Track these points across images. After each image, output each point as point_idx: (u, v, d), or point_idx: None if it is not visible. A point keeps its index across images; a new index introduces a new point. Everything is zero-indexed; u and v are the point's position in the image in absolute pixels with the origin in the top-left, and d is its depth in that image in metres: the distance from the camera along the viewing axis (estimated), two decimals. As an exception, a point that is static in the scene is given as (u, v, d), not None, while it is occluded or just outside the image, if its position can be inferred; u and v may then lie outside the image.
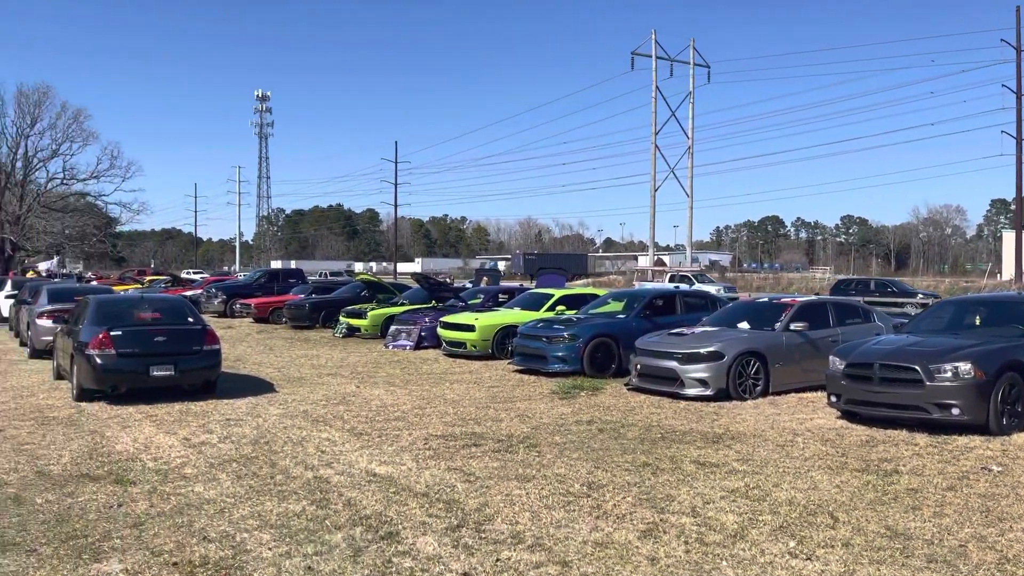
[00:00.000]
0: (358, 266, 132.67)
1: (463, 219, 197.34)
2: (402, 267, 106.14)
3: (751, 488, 6.95)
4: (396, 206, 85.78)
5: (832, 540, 5.58)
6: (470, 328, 17.16)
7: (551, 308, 17.78)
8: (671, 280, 39.57)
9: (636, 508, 6.31)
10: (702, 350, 11.88)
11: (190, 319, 12.46)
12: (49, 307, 16.89)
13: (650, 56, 59.66)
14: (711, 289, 35.02)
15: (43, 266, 52.71)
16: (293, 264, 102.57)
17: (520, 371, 15.16)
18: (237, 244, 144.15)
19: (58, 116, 61.55)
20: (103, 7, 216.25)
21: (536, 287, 22.80)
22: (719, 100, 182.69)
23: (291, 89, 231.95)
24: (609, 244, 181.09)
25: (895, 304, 24.74)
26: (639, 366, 12.64)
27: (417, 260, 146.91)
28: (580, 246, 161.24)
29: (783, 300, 13.67)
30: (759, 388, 11.96)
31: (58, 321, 15.16)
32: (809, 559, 5.22)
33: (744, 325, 12.90)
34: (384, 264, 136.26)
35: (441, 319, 18.41)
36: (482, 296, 21.51)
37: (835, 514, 6.16)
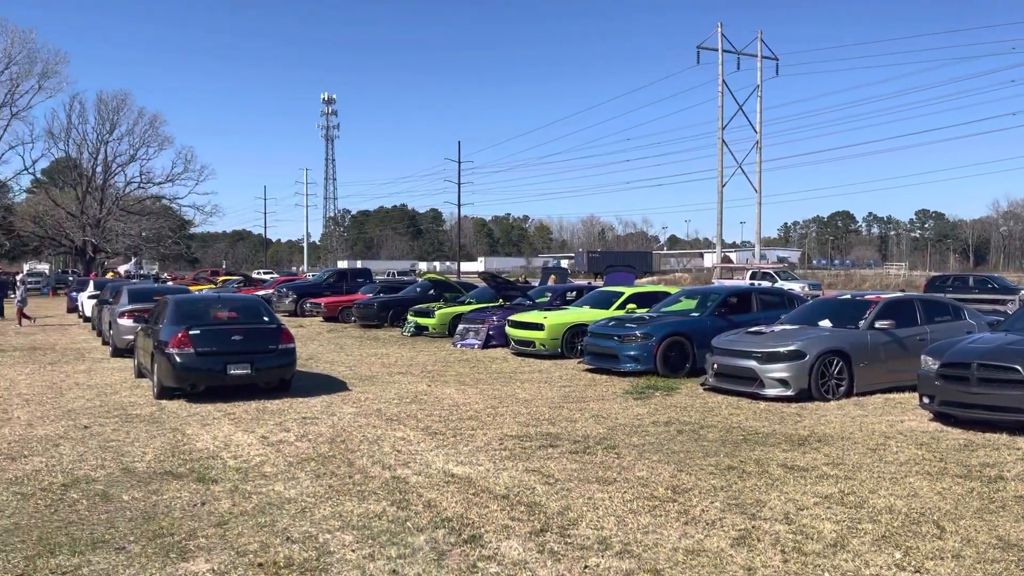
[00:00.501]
0: (422, 265, 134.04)
1: (525, 218, 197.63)
2: (465, 266, 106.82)
3: (846, 494, 6.61)
4: (459, 205, 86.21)
5: (941, 551, 5.23)
6: (539, 327, 17.01)
7: (621, 306, 17.50)
8: (752, 277, 38.48)
9: (725, 514, 6.05)
10: (783, 349, 11.48)
11: (265, 318, 12.61)
12: (129, 307, 17.35)
13: (716, 50, 58.58)
14: (796, 287, 34.09)
15: (123, 267, 54.51)
16: (359, 264, 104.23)
17: (591, 370, 14.94)
18: (305, 245, 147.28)
19: (135, 122, 63.94)
20: (175, 17, 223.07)
21: (604, 285, 22.50)
22: (787, 93, 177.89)
23: (356, 91, 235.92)
24: (674, 242, 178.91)
25: (996, 301, 23.49)
26: (716, 365, 12.29)
27: (480, 259, 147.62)
28: (644, 244, 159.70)
29: (867, 297, 13.13)
30: (842, 389, 11.50)
31: (138, 321, 15.55)
32: (918, 572, 4.90)
33: (826, 323, 12.43)
34: (447, 263, 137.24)
35: (509, 318, 18.31)
36: (549, 295, 21.35)
37: (940, 523, 5.80)
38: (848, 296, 14.01)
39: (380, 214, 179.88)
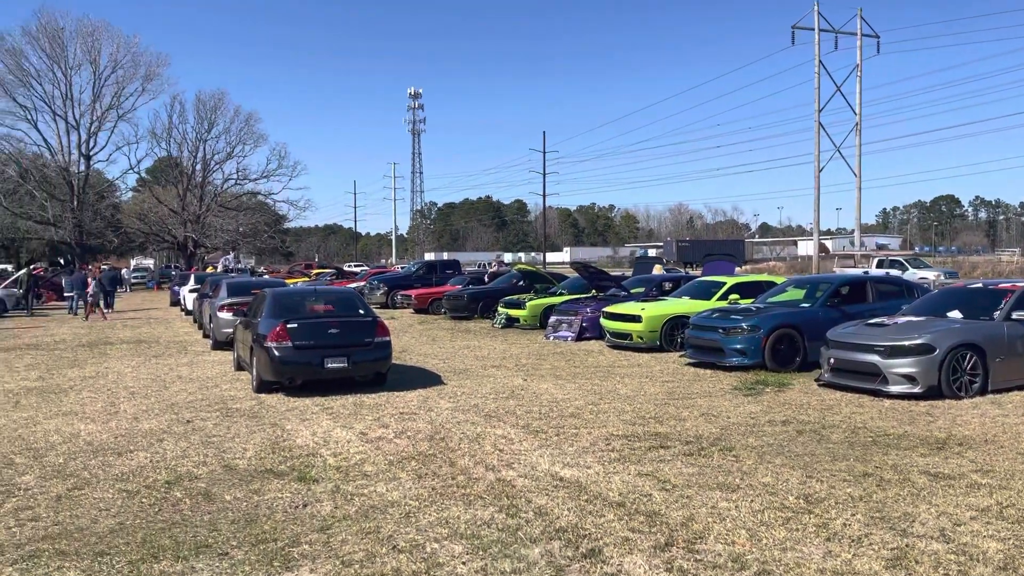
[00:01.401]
0: (507, 256, 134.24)
1: (611, 207, 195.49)
2: (550, 257, 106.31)
3: (1004, 507, 5.87)
4: (544, 196, 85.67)
5: None
6: (636, 319, 16.42)
7: (723, 297, 16.73)
8: (879, 265, 36.01)
9: (871, 528, 5.43)
10: (909, 342, 10.60)
11: (361, 311, 12.47)
12: (228, 300, 17.61)
13: (812, 29, 56.19)
14: (929, 275, 32.23)
15: (222, 262, 56.32)
16: (445, 256, 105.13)
17: (693, 364, 14.29)
18: (393, 238, 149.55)
19: (232, 120, 65.91)
20: (267, 16, 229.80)
21: (703, 275, 21.68)
22: (888, 72, 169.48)
23: (442, 84, 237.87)
24: (765, 229, 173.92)
25: None
26: (832, 360, 11.47)
27: (565, 250, 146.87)
28: (733, 232, 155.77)
29: (1001, 286, 12.04)
30: (976, 385, 10.55)
31: (237, 314, 15.70)
32: (1118, 607, 4.20)
33: (955, 314, 11.45)
34: (532, 254, 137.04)
35: (604, 309, 17.77)
36: (645, 285, 20.68)
37: None
38: (979, 285, 12.90)
39: (465, 206, 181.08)
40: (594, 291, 21.14)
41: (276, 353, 11.28)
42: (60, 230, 59.59)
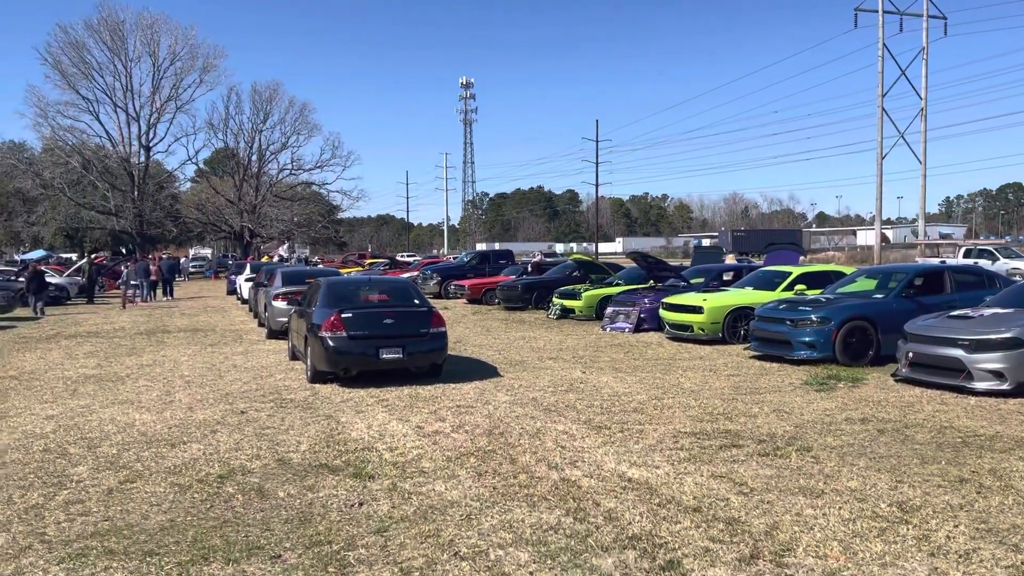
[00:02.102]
0: (559, 247, 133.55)
1: (664, 197, 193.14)
2: (603, 247, 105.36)
3: None
4: (597, 185, 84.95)
5: None
6: (697, 310, 15.86)
7: (788, 287, 16.07)
8: (967, 255, 34.03)
9: (979, 543, 4.91)
10: (996, 336, 9.90)
11: (416, 301, 12.20)
12: (283, 289, 17.55)
13: (876, 11, 54.31)
14: (1022, 265, 30.79)
15: (280, 250, 57.02)
16: (497, 246, 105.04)
17: (757, 357, 13.72)
18: (445, 228, 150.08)
19: (286, 110, 66.58)
20: (319, 6, 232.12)
21: (765, 265, 20.96)
22: (955, 55, 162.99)
23: (494, 74, 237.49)
24: (822, 219, 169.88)
25: None
26: (911, 354, 10.81)
27: (618, 240, 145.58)
28: (789, 221, 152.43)
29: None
30: (1072, 383, 9.80)
31: (292, 303, 15.59)
32: None
33: (1047, 306, 10.68)
34: (584, 244, 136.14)
35: (664, 300, 17.23)
36: (705, 275, 20.06)
37: None
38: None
39: (517, 196, 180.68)
40: (652, 281, 20.60)
41: (330, 343, 11.07)
42: (121, 220, 60.94)
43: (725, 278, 19.78)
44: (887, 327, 12.51)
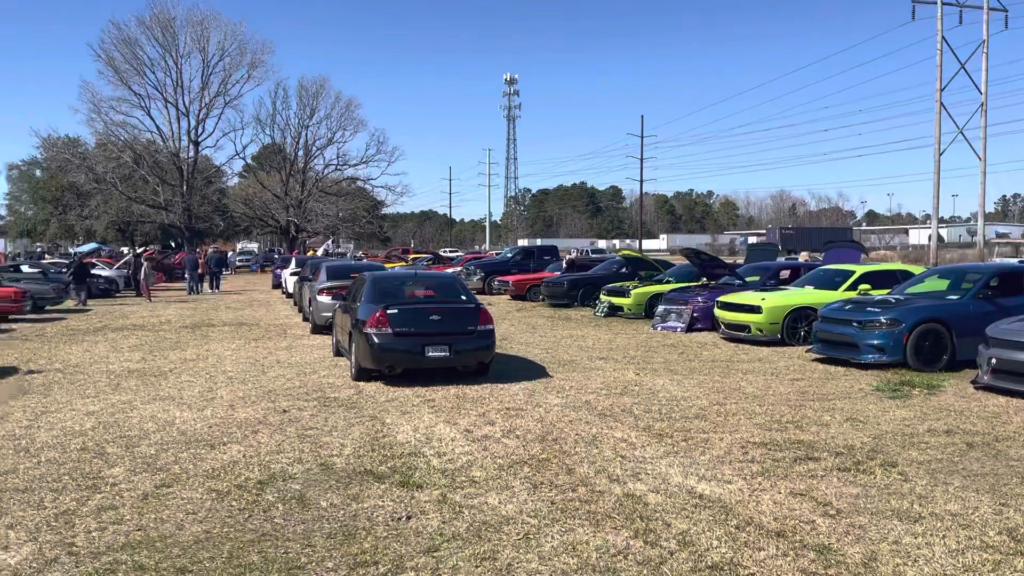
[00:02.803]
0: (601, 243, 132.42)
1: (709, 193, 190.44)
2: (647, 244, 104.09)
3: None
4: (641, 181, 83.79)
5: None
6: (756, 309, 15.16)
7: (852, 287, 15.30)
8: None
9: (1113, 584, 4.28)
10: (1093, 343, 9.11)
11: (463, 297, 11.77)
12: (328, 284, 17.27)
13: (935, 3, 52.46)
14: None
15: (326, 245, 57.22)
16: (539, 242, 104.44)
17: (821, 360, 13.03)
18: (487, 224, 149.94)
19: (333, 106, 66.83)
20: (363, 3, 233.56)
21: (824, 263, 20.12)
22: (1017, 48, 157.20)
23: (538, 70, 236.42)
24: (872, 217, 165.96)
25: None
26: (993, 360, 10.05)
27: (662, 236, 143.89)
28: (838, 219, 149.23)
29: None
30: None
31: (337, 298, 15.28)
32: None
33: None
34: (627, 241, 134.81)
35: (719, 299, 16.56)
36: (761, 273, 19.31)
37: None
38: None
39: (559, 192, 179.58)
40: (704, 279, 19.91)
41: (375, 340, 10.68)
42: (171, 214, 61.75)
43: (782, 276, 19.02)
44: (963, 330, 11.76)
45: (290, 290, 28.24)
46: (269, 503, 5.77)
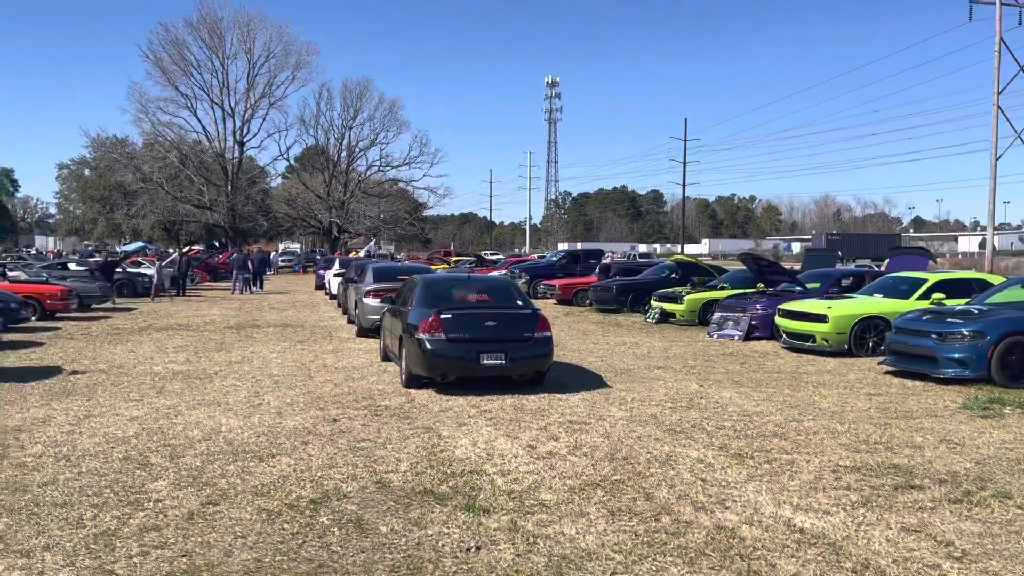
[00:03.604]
0: (642, 247, 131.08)
1: (751, 198, 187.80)
2: (688, 249, 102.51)
3: None
4: (684, 185, 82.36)
5: None
6: (821, 318, 14.39)
7: (924, 296, 14.44)
8: None
9: None
10: None
11: (519, 302, 11.24)
12: (374, 286, 16.87)
13: (993, 3, 50.78)
14: None
15: (369, 246, 57.15)
16: (579, 245, 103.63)
17: (894, 373, 12.26)
18: (527, 227, 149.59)
19: (376, 107, 66.87)
20: (403, 4, 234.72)
21: (888, 270, 19.22)
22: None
23: (580, 73, 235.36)
24: (919, 223, 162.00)
25: None
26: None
27: (704, 241, 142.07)
28: (884, 225, 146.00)
29: None
30: None
31: (385, 300, 14.85)
32: None
33: None
34: (668, 246, 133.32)
35: (781, 306, 15.81)
36: (821, 280, 18.47)
37: None
38: None
39: (600, 196, 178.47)
40: (760, 285, 19.13)
41: (428, 346, 10.20)
42: (215, 213, 62.26)
43: (843, 283, 18.17)
44: (1055, 344, 10.93)
45: (334, 291, 27.99)
46: (324, 527, 5.29)
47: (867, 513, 5.62)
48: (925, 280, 15.05)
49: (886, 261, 22.47)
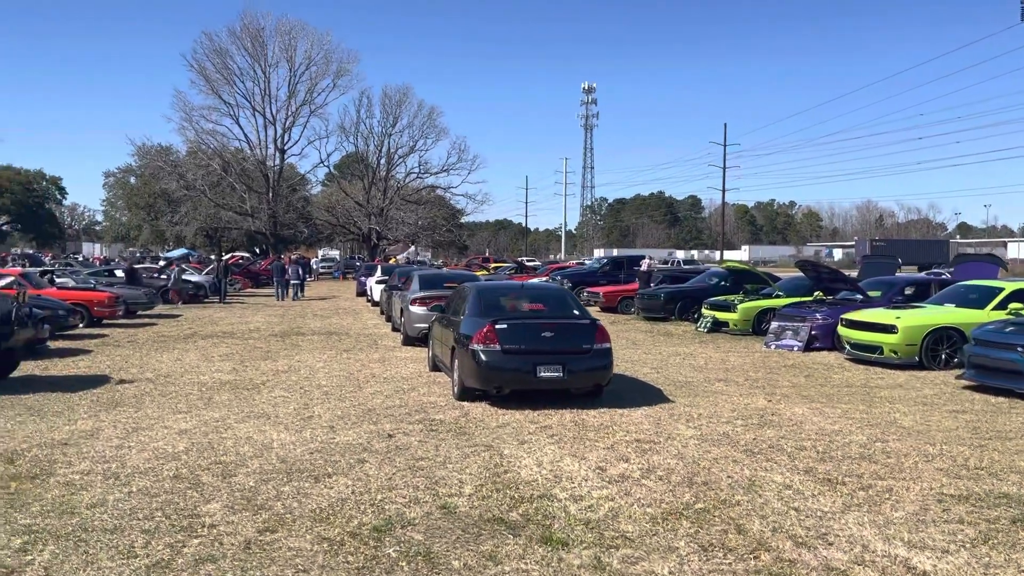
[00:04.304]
0: (679, 253, 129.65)
1: (791, 204, 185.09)
2: (728, 255, 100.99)
3: None
4: (724, 191, 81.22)
5: None
6: (890, 329, 13.69)
7: (1000, 305, 13.68)
8: None
9: None
10: None
11: (575, 312, 10.76)
12: (421, 294, 16.51)
13: (1050, 0, 49.10)
14: None
15: (406, 253, 57.09)
16: (615, 251, 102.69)
17: (973, 388, 11.55)
18: (562, 233, 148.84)
19: (415, 114, 66.79)
20: (445, 10, 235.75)
21: (955, 278, 18.36)
22: None
23: (616, 79, 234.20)
24: (965, 229, 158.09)
25: None
26: None
27: (743, 248, 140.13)
28: (928, 231, 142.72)
29: None
30: None
31: (434, 308, 14.46)
32: None
33: None
34: (706, 252, 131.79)
35: (843, 316, 15.12)
36: (883, 288, 17.71)
37: None
38: None
39: (636, 202, 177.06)
40: (818, 293, 18.41)
41: (483, 357, 9.76)
42: (257, 220, 62.70)
43: (907, 292, 17.39)
44: None
45: (376, 298, 27.78)
46: (392, 561, 4.86)
47: (991, 553, 5.05)
48: (1001, 289, 14.25)
49: (951, 269, 21.55)
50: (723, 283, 23.30)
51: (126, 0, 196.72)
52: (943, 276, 21.49)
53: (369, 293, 30.24)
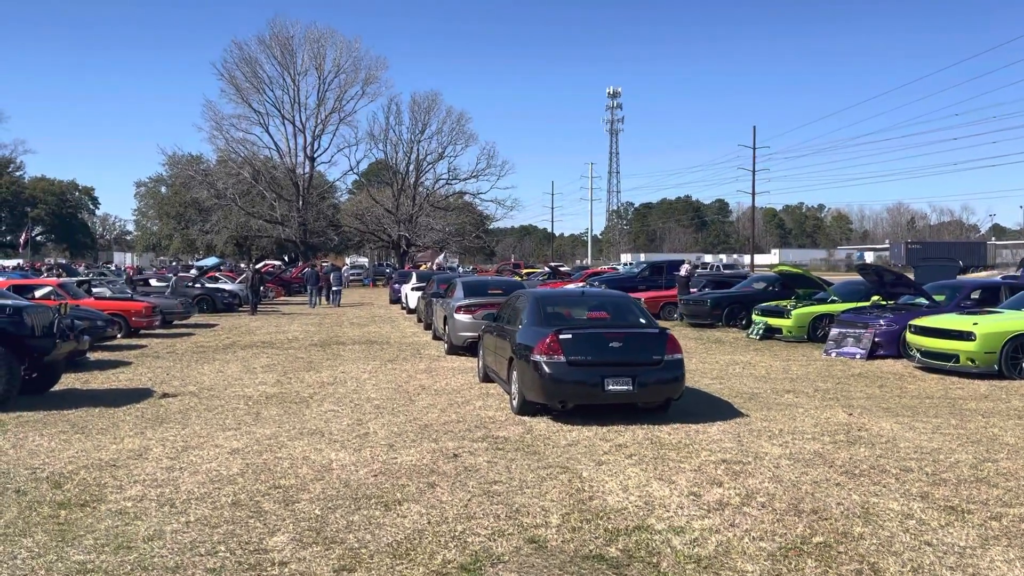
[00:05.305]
0: (707, 258, 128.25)
1: (820, 207, 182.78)
2: (758, 259, 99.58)
3: None
4: (753, 194, 79.80)
5: None
6: (967, 336, 12.92)
7: (1086, 311, 12.86)
8: None
9: None
10: None
11: (643, 320, 10.15)
12: (466, 301, 15.99)
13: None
14: None
15: (439, 259, 56.72)
16: (642, 257, 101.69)
17: (1067, 400, 10.78)
18: (588, 238, 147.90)
19: (444, 121, 66.57)
20: (473, 16, 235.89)
21: (1022, 280, 17.49)
22: None
23: (642, 83, 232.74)
24: (999, 231, 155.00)
25: None
26: None
27: (773, 251, 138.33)
28: (961, 233, 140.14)
29: None
30: None
31: (487, 317, 13.90)
32: None
33: None
34: (734, 256, 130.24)
35: (912, 322, 14.36)
36: (948, 292, 16.88)
37: None
38: None
39: (663, 206, 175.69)
40: (877, 297, 17.62)
41: (547, 369, 9.18)
42: (287, 228, 62.71)
43: (973, 296, 16.57)
44: None
45: (411, 305, 27.36)
46: (492, 609, 4.29)
47: None
48: (1084, 293, 13.44)
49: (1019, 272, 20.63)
50: (771, 288, 22.57)
51: (157, 10, 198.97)
52: (1012, 280, 20.56)
53: (404, 300, 29.80)
